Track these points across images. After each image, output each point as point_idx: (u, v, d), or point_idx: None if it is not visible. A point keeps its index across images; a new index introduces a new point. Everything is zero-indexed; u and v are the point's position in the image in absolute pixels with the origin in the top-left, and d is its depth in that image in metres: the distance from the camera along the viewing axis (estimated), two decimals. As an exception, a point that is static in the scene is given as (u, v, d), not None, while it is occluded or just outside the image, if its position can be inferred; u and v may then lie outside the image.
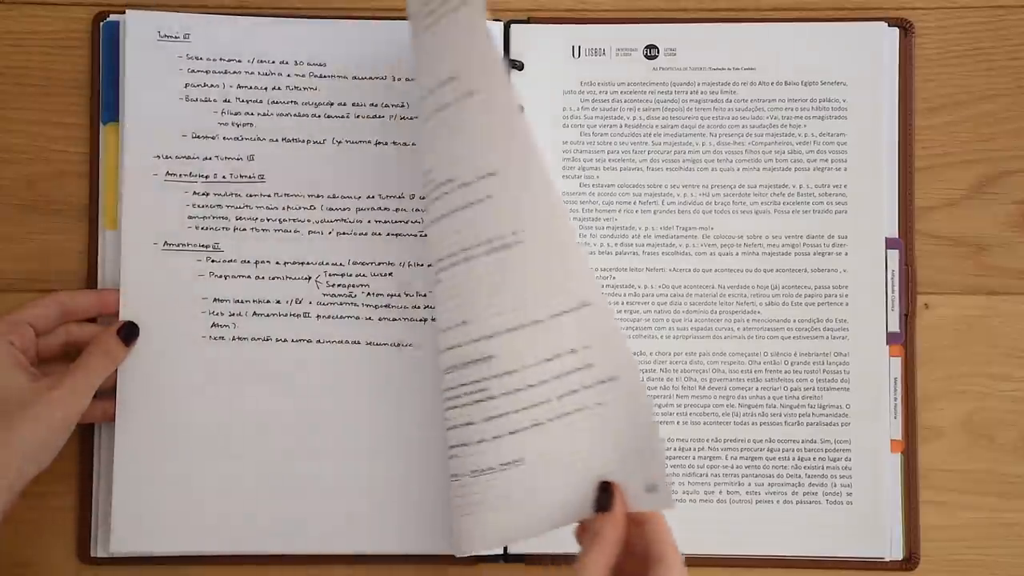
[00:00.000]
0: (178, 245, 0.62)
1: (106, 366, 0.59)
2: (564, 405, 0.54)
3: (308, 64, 0.63)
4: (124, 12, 0.63)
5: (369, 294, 0.62)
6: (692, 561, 0.62)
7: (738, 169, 0.63)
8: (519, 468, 0.55)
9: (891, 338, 0.63)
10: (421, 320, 0.62)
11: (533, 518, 0.55)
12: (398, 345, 0.62)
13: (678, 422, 0.62)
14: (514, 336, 0.54)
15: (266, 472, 0.61)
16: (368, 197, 0.63)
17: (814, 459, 0.62)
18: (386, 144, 0.63)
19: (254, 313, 0.62)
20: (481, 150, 0.54)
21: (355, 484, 0.61)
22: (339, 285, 0.62)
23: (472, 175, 0.54)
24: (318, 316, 0.62)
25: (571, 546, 0.57)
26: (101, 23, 0.64)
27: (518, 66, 0.63)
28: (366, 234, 0.63)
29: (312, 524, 0.61)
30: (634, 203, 0.63)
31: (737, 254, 0.63)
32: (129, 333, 0.60)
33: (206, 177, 0.62)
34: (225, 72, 0.63)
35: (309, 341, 0.62)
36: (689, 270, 0.63)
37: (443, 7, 0.53)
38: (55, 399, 0.55)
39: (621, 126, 0.63)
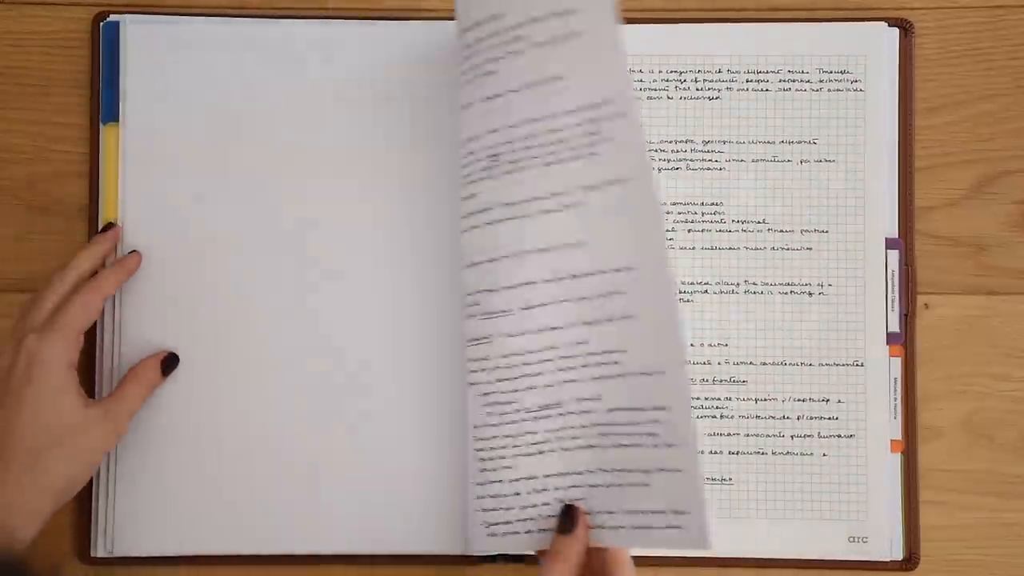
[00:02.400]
0: (179, 244, 0.62)
1: (144, 395, 0.59)
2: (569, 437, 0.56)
3: (309, 65, 0.63)
4: (124, 12, 0.63)
5: None
6: (691, 562, 0.62)
7: (737, 168, 0.63)
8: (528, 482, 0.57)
9: (891, 338, 0.63)
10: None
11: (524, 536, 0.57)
12: (397, 345, 0.62)
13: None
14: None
15: (266, 472, 0.61)
16: (368, 198, 0.63)
17: (813, 459, 0.62)
18: (387, 148, 0.63)
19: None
20: (619, 246, 0.54)
21: (354, 485, 0.61)
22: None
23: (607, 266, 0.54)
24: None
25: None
26: (101, 23, 0.64)
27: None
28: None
29: (312, 524, 0.61)
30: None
31: (736, 251, 0.63)
32: (169, 364, 0.61)
33: (206, 178, 0.62)
34: (225, 74, 0.63)
35: (309, 341, 0.62)
36: (684, 275, 0.63)
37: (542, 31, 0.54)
38: (104, 436, 0.56)
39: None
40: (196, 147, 0.62)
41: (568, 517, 0.54)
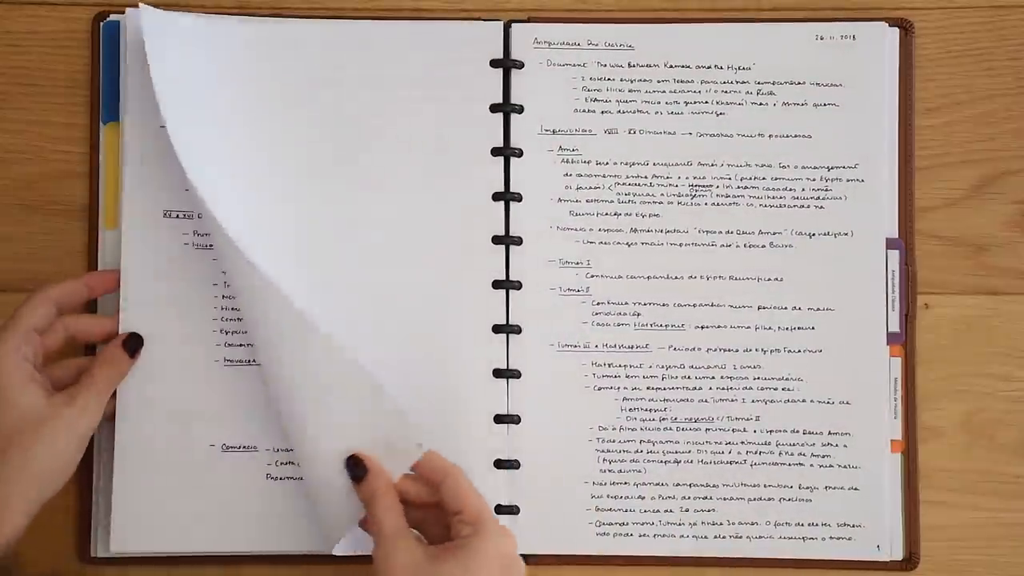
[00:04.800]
0: (179, 244, 0.62)
1: (113, 378, 0.59)
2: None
3: (309, 64, 0.63)
4: (124, 12, 0.63)
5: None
6: (693, 562, 0.62)
7: (738, 166, 0.63)
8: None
9: (891, 338, 0.63)
10: None
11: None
12: (404, 349, 0.62)
13: (678, 428, 0.62)
14: None
15: (266, 472, 0.61)
16: (372, 197, 0.63)
17: (814, 459, 0.62)
18: (388, 147, 0.63)
19: (254, 312, 0.62)
20: None
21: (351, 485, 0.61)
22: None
23: None
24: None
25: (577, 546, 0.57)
26: (101, 23, 0.64)
27: (518, 65, 0.63)
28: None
29: (311, 524, 0.61)
30: (633, 198, 0.63)
31: (737, 250, 0.63)
32: (133, 345, 0.60)
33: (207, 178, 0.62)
34: (226, 73, 0.63)
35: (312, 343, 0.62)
36: (687, 272, 0.63)
37: None
38: (69, 420, 0.55)
39: (620, 126, 0.63)
40: (197, 146, 0.62)
41: (354, 464, 0.56)
